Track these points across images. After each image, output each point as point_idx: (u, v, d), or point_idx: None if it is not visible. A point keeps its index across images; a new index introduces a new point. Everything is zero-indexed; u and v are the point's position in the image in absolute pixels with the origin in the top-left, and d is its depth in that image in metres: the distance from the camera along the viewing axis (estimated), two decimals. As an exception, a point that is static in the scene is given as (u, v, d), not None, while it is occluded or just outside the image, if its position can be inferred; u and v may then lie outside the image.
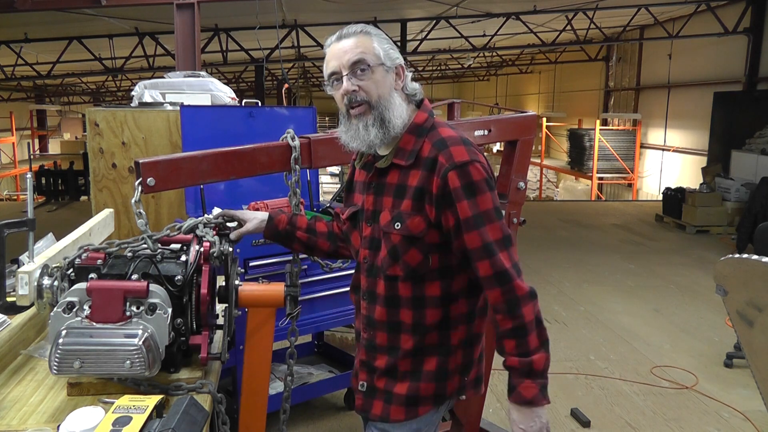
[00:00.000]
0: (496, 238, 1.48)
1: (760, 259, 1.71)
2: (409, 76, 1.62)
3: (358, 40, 1.55)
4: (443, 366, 1.59)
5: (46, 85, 22.10)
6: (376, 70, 1.54)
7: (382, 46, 1.56)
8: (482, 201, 1.48)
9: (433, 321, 1.57)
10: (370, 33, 1.57)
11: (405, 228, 1.53)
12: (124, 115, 3.53)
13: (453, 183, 1.47)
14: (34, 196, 1.72)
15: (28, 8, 7.54)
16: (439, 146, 1.52)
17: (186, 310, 1.59)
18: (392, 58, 1.57)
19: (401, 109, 1.56)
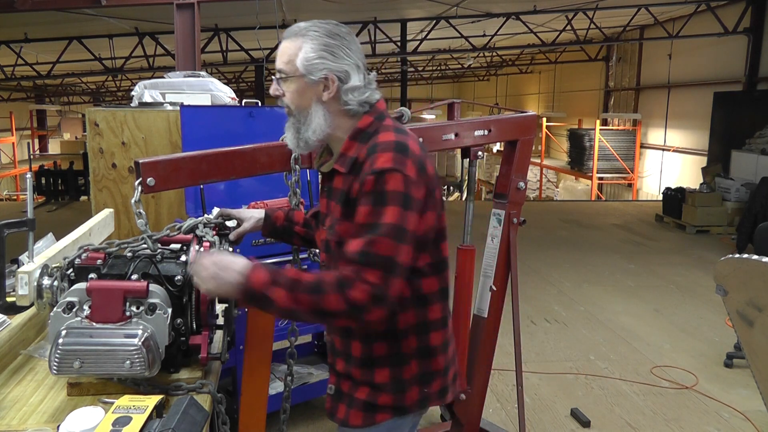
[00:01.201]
0: (378, 252, 1.35)
1: (760, 259, 1.71)
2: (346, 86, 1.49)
3: (291, 44, 1.50)
4: (397, 377, 1.54)
5: (46, 85, 22.09)
6: (294, 82, 1.50)
7: (308, 55, 1.47)
8: (385, 212, 1.37)
9: (378, 330, 1.51)
10: (306, 36, 1.49)
11: (337, 234, 1.50)
12: (124, 115, 3.53)
13: (365, 187, 1.40)
14: (34, 196, 1.72)
15: (28, 8, 7.53)
16: (370, 151, 1.45)
17: (186, 310, 1.59)
18: (317, 69, 1.47)
19: (320, 122, 1.50)
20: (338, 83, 1.49)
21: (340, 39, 1.50)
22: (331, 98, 1.50)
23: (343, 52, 1.50)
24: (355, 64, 1.51)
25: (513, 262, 2.85)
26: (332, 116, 1.52)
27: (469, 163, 2.83)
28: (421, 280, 1.51)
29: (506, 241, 2.83)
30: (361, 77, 1.51)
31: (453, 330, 1.69)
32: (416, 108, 3.15)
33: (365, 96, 1.52)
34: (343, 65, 1.49)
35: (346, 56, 1.50)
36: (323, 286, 1.36)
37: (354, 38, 1.55)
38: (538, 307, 5.66)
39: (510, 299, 2.88)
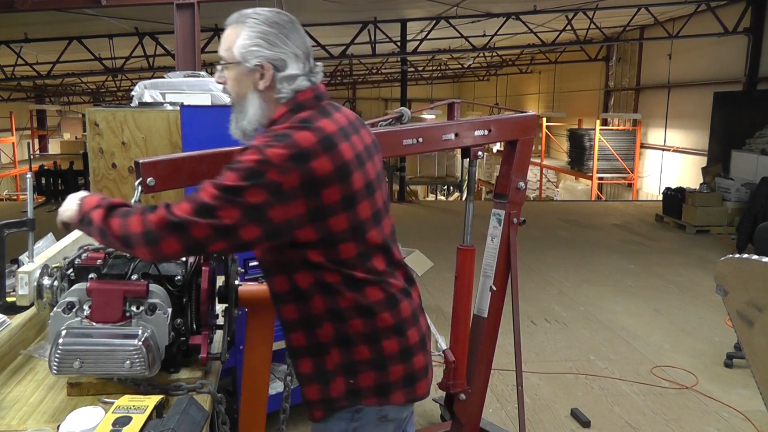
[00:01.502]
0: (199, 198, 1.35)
1: (760, 259, 1.71)
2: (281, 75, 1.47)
3: (229, 32, 1.50)
4: (320, 367, 1.51)
5: (46, 85, 22.09)
6: (232, 69, 1.50)
7: (245, 42, 1.46)
8: (227, 174, 1.37)
9: (291, 318, 1.51)
10: (244, 23, 1.47)
11: None
12: (124, 115, 3.53)
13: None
14: (34, 196, 1.72)
15: (28, 8, 7.53)
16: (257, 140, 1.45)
17: (186, 310, 1.59)
18: (253, 56, 1.46)
19: (255, 111, 1.50)
20: (273, 71, 1.47)
21: (278, 27, 1.48)
22: (267, 87, 1.48)
23: (280, 40, 1.47)
24: (292, 52, 1.48)
25: (513, 262, 2.85)
26: (267, 105, 1.50)
27: (469, 163, 2.83)
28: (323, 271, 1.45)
29: (506, 241, 2.83)
30: (300, 66, 1.49)
31: (412, 336, 1.55)
32: (416, 108, 3.16)
33: (299, 84, 1.49)
34: (279, 53, 1.47)
35: (282, 44, 1.47)
36: (131, 210, 1.42)
37: (296, 27, 1.52)
38: (538, 307, 5.66)
39: (510, 299, 2.88)
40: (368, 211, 1.47)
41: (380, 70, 22.51)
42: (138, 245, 1.38)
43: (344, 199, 1.42)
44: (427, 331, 1.64)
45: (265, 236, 1.38)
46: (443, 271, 5.98)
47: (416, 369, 1.56)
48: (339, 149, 1.41)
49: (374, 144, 1.60)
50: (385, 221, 1.55)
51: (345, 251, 1.45)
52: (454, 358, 2.89)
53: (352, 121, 1.54)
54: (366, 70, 22.57)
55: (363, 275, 1.48)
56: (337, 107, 1.55)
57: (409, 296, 1.57)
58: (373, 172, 1.52)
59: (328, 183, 1.39)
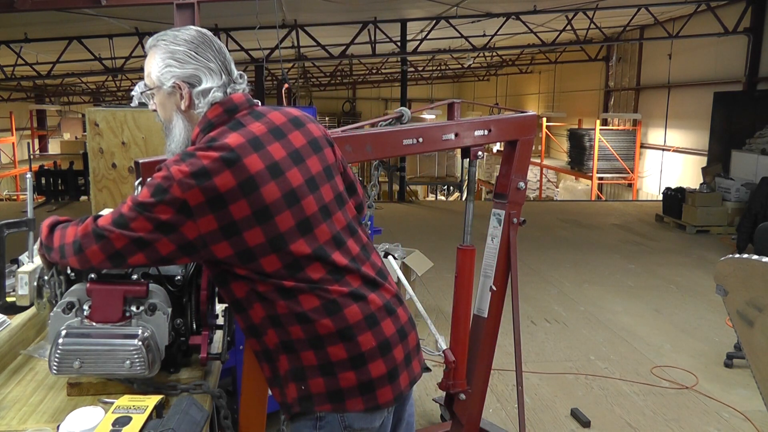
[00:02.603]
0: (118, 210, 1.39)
1: (760, 259, 1.71)
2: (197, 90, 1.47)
3: (149, 57, 1.52)
4: (274, 372, 1.52)
5: (46, 85, 22.09)
6: (156, 94, 1.52)
7: (158, 64, 1.48)
8: (142, 192, 1.39)
9: (241, 326, 1.52)
10: (156, 47, 1.50)
11: None
12: (124, 115, 3.53)
13: None
14: (34, 196, 1.72)
15: (28, 8, 7.53)
16: None
17: (186, 310, 1.59)
18: (168, 77, 1.48)
19: (180, 132, 1.52)
20: (189, 88, 1.48)
21: (186, 44, 1.48)
22: (187, 106, 1.50)
23: (190, 56, 1.48)
24: (205, 67, 1.48)
25: (513, 262, 2.85)
26: (191, 125, 1.52)
27: (469, 163, 2.83)
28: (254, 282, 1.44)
29: (506, 241, 2.83)
30: (215, 79, 1.49)
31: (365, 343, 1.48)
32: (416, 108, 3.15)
33: (210, 97, 1.48)
34: (189, 69, 1.48)
35: (192, 59, 1.48)
36: (70, 223, 1.46)
37: (208, 42, 1.51)
38: (538, 307, 5.66)
39: (510, 299, 2.88)
40: (290, 221, 1.42)
41: (380, 70, 22.52)
42: (69, 254, 1.42)
43: (256, 213, 1.39)
44: (396, 335, 1.54)
45: (181, 251, 1.39)
46: (443, 271, 5.99)
47: (373, 376, 1.49)
48: (243, 163, 1.38)
49: (314, 143, 1.55)
50: (325, 225, 1.49)
51: (268, 264, 1.42)
52: (454, 358, 2.89)
53: (278, 126, 1.50)
54: (366, 70, 22.58)
55: (294, 284, 1.44)
56: (260, 114, 1.52)
57: (361, 300, 1.49)
58: (304, 176, 1.47)
59: (233, 198, 1.37)
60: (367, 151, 2.33)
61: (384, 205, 12.06)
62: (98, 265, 1.41)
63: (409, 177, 13.34)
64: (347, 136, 2.28)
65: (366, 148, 2.32)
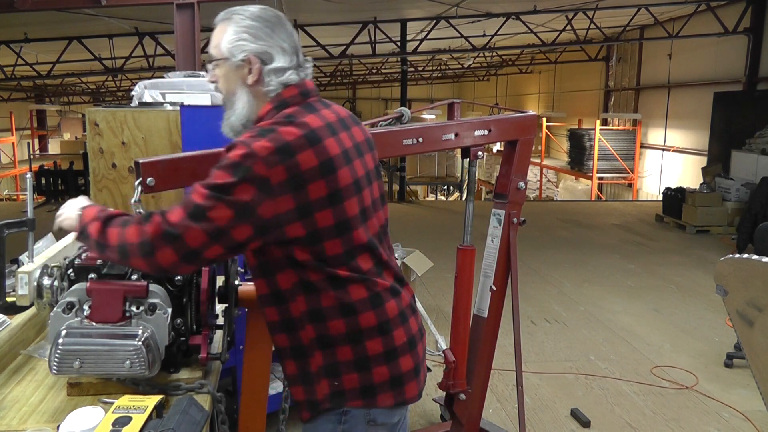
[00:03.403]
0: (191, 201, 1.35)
1: (760, 259, 1.71)
2: (269, 67, 1.48)
3: (217, 30, 1.52)
4: (304, 369, 1.51)
5: (46, 85, 22.10)
6: (221, 66, 1.51)
7: (231, 37, 1.48)
8: (216, 174, 1.36)
9: (274, 320, 1.51)
10: (230, 20, 1.50)
11: None
12: (124, 115, 3.53)
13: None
14: (34, 196, 1.72)
15: (28, 8, 7.53)
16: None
17: (186, 310, 1.59)
18: (239, 51, 1.47)
19: (243, 106, 1.51)
20: (260, 65, 1.48)
21: (262, 21, 1.49)
22: (255, 81, 1.49)
23: (265, 34, 1.48)
24: (279, 46, 1.49)
25: (513, 262, 2.85)
26: (256, 101, 1.51)
27: (469, 163, 2.83)
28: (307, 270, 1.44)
29: (506, 241, 2.83)
30: (287, 60, 1.49)
31: (398, 337, 1.52)
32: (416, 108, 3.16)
33: (285, 77, 1.49)
34: (264, 46, 1.48)
35: (267, 37, 1.48)
36: (128, 221, 1.40)
37: (282, 22, 1.53)
38: (538, 307, 5.66)
39: (510, 299, 2.88)
40: (355, 208, 1.46)
41: (380, 70, 22.51)
42: (134, 256, 1.36)
43: (330, 195, 1.40)
44: (418, 332, 1.59)
45: (256, 234, 1.37)
46: (443, 271, 5.98)
47: (403, 371, 1.53)
48: (324, 144, 1.40)
49: (368, 142, 1.59)
50: (372, 221, 1.53)
51: (330, 248, 1.43)
52: (454, 358, 2.89)
53: (343, 118, 1.53)
54: (366, 70, 22.57)
55: (347, 273, 1.46)
56: (327, 104, 1.55)
57: (397, 296, 1.54)
58: (362, 170, 1.51)
59: (313, 178, 1.37)
60: (367, 151, 2.33)
61: (384, 205, 12.04)
62: (168, 268, 1.36)
63: (409, 177, 13.34)
64: (347, 136, 2.27)
65: (366, 148, 2.32)
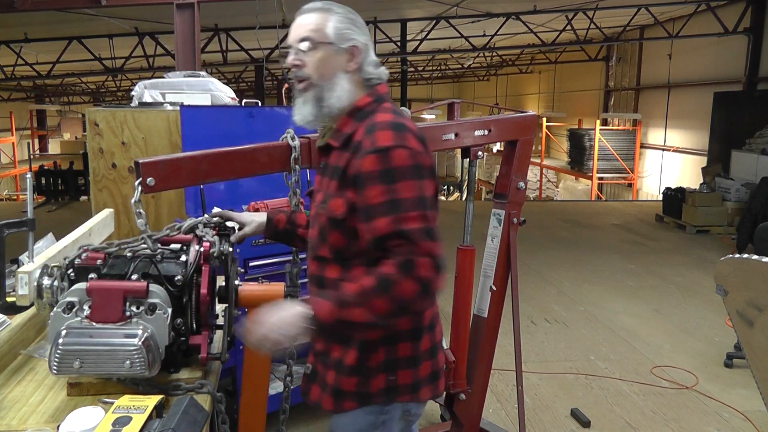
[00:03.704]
0: (412, 228, 1.39)
1: (760, 259, 1.71)
2: (368, 59, 1.57)
3: (315, 16, 1.55)
4: (363, 362, 1.53)
5: (46, 85, 22.10)
6: (321, 49, 1.53)
7: (338, 25, 1.54)
8: (401, 188, 1.40)
9: None
10: (330, 10, 1.56)
11: (329, 209, 1.53)
12: (124, 115, 3.53)
13: (368, 167, 1.42)
14: (34, 196, 1.72)
15: (28, 8, 7.54)
16: (368, 130, 1.48)
17: (186, 310, 1.59)
18: (346, 39, 1.54)
19: (344, 91, 1.54)
20: (362, 55, 1.56)
21: (357, 18, 1.61)
22: (355, 68, 1.56)
23: (363, 28, 1.60)
24: (370, 41, 1.61)
25: (513, 262, 2.85)
26: (354, 88, 1.56)
27: (469, 163, 2.83)
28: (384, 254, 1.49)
29: (506, 241, 2.83)
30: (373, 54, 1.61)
31: (438, 333, 1.66)
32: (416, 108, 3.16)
33: (380, 71, 1.59)
34: (366, 39, 1.59)
35: (365, 32, 1.60)
36: (389, 280, 1.37)
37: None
38: (538, 307, 5.66)
39: (510, 299, 2.88)
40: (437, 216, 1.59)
41: (380, 70, 22.46)
42: (417, 302, 1.40)
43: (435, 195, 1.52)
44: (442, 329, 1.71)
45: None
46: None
47: (439, 366, 1.63)
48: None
49: None
50: None
51: None
52: (454, 358, 2.89)
53: None
54: (366, 70, 22.53)
55: None
56: None
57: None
58: None
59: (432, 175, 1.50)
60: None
61: (384, 205, 12.05)
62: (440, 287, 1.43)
63: (409, 177, 13.32)
64: (347, 136, 2.27)
65: (366, 148, 2.32)
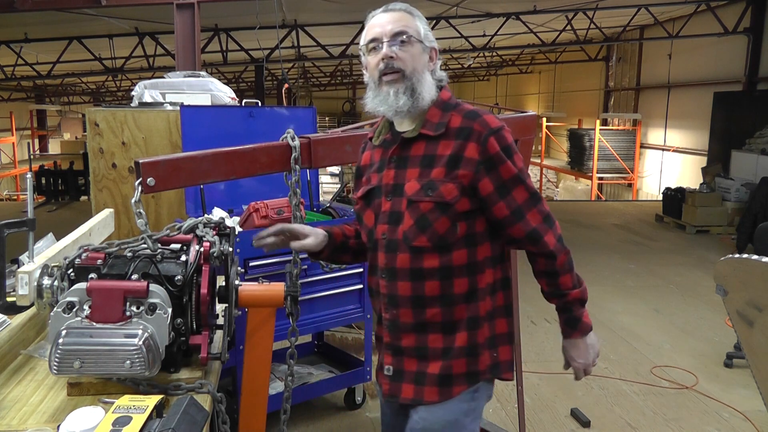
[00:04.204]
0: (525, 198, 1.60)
1: (760, 259, 1.71)
2: (438, 63, 1.70)
3: (402, 15, 1.64)
4: (473, 340, 1.60)
5: (46, 85, 22.09)
6: (415, 45, 1.62)
7: (424, 26, 1.66)
8: (518, 160, 1.59)
9: (460, 292, 1.59)
10: (413, 13, 1.66)
11: (438, 194, 1.55)
12: (124, 115, 3.53)
13: (494, 148, 1.56)
14: (34, 196, 1.72)
15: (28, 8, 7.54)
16: (471, 116, 1.60)
17: (186, 310, 1.59)
18: (429, 40, 1.66)
19: (430, 86, 1.63)
20: (437, 58, 1.70)
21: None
22: (432, 69, 1.67)
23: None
24: None
25: (513, 261, 2.85)
26: (432, 86, 1.66)
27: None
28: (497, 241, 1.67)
29: (506, 241, 2.83)
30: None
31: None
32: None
33: (444, 75, 1.72)
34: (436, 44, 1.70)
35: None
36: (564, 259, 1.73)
37: None
38: (538, 307, 5.65)
39: (510, 299, 2.87)
40: None
41: (380, 70, 22.46)
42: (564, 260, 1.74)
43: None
44: None
45: None
46: (443, 271, 5.97)
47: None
48: None
49: None
50: None
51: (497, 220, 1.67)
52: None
53: None
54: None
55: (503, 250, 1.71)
56: None
57: None
58: None
59: None
60: (367, 151, 2.33)
61: (384, 205, 12.04)
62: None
63: (409, 177, 13.33)
64: (347, 136, 2.28)
65: (366, 148, 2.32)
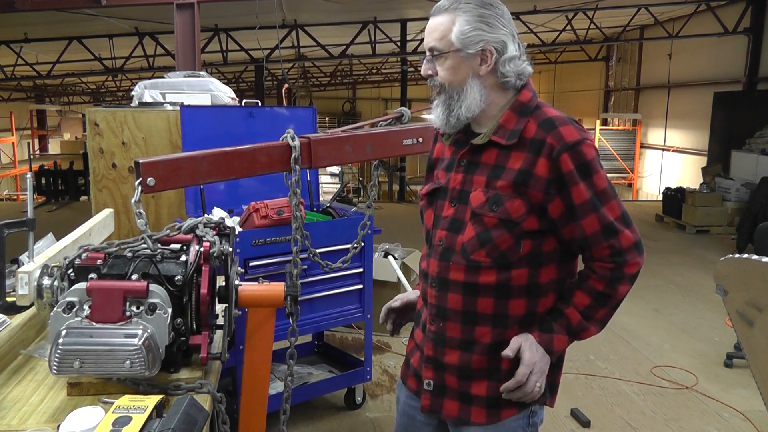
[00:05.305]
0: (616, 217, 1.47)
1: (760, 259, 1.71)
2: (504, 58, 1.45)
3: (442, 19, 1.46)
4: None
5: (46, 85, 22.08)
6: (449, 57, 1.46)
7: (463, 28, 1.43)
8: (598, 180, 1.43)
9: (516, 313, 1.49)
10: (458, 9, 1.44)
11: (504, 211, 1.44)
12: (124, 115, 3.53)
13: (566, 166, 1.41)
14: (34, 196, 1.72)
15: (28, 8, 7.53)
16: (546, 127, 1.43)
17: (186, 310, 1.59)
18: (473, 42, 1.43)
19: (475, 96, 1.46)
20: (496, 55, 1.45)
21: (493, 9, 1.45)
22: (488, 71, 1.46)
23: (499, 22, 1.45)
24: (510, 33, 1.47)
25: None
26: (488, 91, 1.48)
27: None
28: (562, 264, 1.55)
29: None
30: (516, 46, 1.48)
31: None
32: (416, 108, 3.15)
33: (521, 67, 1.48)
34: (500, 35, 1.45)
35: (501, 26, 1.45)
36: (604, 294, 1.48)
37: (505, 6, 1.49)
38: (538, 307, 5.66)
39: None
40: None
41: (380, 70, 22.51)
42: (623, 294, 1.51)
43: None
44: None
45: None
46: (443, 271, 5.97)
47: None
48: None
49: None
50: None
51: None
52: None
53: None
54: (366, 70, 22.57)
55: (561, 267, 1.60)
56: None
57: None
58: None
59: None
60: (367, 151, 2.33)
61: (384, 205, 12.05)
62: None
63: (409, 177, 13.37)
64: (347, 136, 2.28)
65: (366, 148, 2.32)
